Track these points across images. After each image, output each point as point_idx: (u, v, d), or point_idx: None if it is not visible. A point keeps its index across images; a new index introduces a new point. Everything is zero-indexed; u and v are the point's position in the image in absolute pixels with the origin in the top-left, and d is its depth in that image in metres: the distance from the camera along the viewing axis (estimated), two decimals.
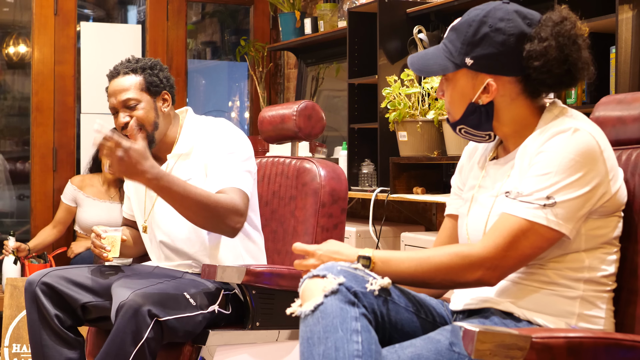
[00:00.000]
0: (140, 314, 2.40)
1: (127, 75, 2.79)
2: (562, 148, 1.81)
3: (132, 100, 2.75)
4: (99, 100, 5.39)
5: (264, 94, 5.84)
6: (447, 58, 1.96)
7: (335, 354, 1.70)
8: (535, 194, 1.81)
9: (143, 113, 2.76)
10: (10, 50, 5.82)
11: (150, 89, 2.79)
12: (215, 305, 2.58)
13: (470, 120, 1.98)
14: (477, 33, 1.91)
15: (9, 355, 4.15)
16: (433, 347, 1.78)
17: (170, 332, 2.47)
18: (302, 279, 1.85)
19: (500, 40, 1.90)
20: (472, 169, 2.12)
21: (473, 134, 2.01)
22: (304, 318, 1.78)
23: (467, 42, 1.93)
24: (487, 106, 1.95)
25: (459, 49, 1.94)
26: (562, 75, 1.90)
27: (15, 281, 4.23)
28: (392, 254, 1.91)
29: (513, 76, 1.92)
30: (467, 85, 1.96)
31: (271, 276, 2.55)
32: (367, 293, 1.79)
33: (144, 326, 2.40)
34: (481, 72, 1.93)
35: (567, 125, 1.84)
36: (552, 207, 1.79)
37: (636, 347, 1.65)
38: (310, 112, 2.98)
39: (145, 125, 2.75)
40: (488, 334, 1.53)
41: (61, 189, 5.02)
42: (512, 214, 1.82)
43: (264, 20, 6.00)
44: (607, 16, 3.19)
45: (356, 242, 4.32)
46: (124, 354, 2.41)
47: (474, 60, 1.92)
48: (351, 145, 4.65)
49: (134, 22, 6.39)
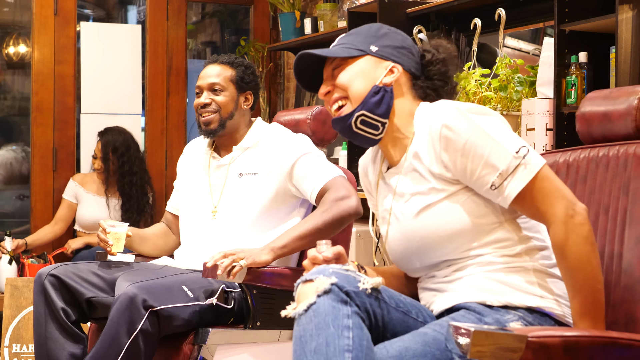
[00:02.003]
0: (135, 304, 2.43)
1: (223, 66, 2.98)
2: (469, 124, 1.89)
3: (218, 85, 2.95)
4: (98, 100, 5.41)
5: (264, 94, 5.84)
6: (348, 49, 2.05)
7: (326, 349, 1.71)
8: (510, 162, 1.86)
9: (224, 100, 2.94)
10: (10, 50, 5.82)
11: (239, 84, 2.96)
12: (213, 299, 2.59)
13: (372, 103, 2.01)
14: (378, 31, 2.07)
15: (9, 355, 4.15)
16: (421, 339, 1.80)
17: (166, 322, 2.48)
18: (295, 284, 1.86)
19: (400, 39, 2.07)
20: (375, 187, 2.17)
21: (372, 120, 2.03)
22: (298, 318, 1.79)
23: (370, 35, 2.06)
24: (389, 90, 2.02)
25: (361, 41, 2.06)
26: (445, 86, 2.07)
27: (15, 281, 4.23)
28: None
29: (409, 73, 2.05)
30: (370, 69, 2.04)
31: (272, 276, 2.55)
32: (359, 292, 1.80)
33: (138, 317, 2.43)
34: (385, 59, 2.04)
35: (444, 111, 1.93)
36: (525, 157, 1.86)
37: (632, 346, 1.65)
38: (325, 117, 3.05)
39: (222, 111, 2.93)
40: (484, 334, 1.53)
41: (61, 189, 5.04)
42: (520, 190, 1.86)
43: (263, 20, 6.00)
44: (607, 16, 3.19)
45: (356, 243, 4.31)
46: (117, 345, 2.43)
47: (378, 47, 2.04)
48: (351, 145, 4.65)
49: (134, 22, 6.39)
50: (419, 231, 1.97)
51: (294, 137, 2.89)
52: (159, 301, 2.47)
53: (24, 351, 4.18)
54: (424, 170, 1.96)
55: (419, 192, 1.96)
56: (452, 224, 1.93)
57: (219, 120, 2.92)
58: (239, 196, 2.86)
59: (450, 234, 1.93)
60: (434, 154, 1.93)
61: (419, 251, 1.99)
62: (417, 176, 1.98)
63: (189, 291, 2.56)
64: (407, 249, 2.02)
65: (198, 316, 2.56)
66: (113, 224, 2.80)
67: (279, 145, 2.86)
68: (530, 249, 1.93)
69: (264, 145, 2.90)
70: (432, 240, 1.95)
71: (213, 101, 2.93)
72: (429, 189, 1.95)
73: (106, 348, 2.44)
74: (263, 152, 2.88)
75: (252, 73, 3.01)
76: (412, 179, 1.99)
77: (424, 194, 1.96)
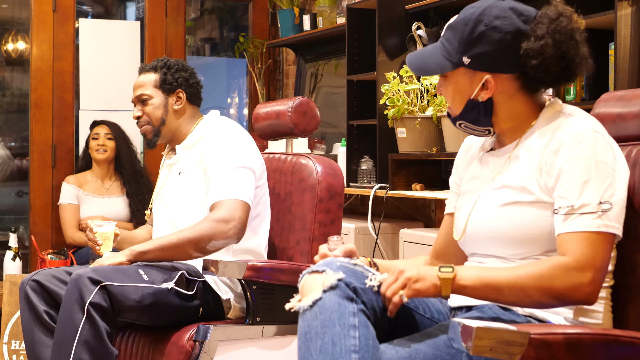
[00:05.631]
0: (82, 280, 2.47)
1: (147, 73, 3.01)
2: (591, 153, 1.81)
3: (145, 95, 2.98)
4: (97, 97, 5.41)
5: (262, 90, 5.84)
6: (444, 57, 1.97)
7: (332, 348, 1.70)
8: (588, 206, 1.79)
9: (151, 109, 2.97)
10: (9, 46, 5.81)
11: (163, 86, 2.97)
12: (170, 282, 2.61)
13: (469, 116, 1.98)
14: (474, 32, 1.92)
15: (8, 352, 4.15)
16: (431, 342, 1.78)
17: (118, 300, 2.50)
18: (301, 274, 1.85)
19: (497, 39, 1.90)
20: (469, 163, 2.13)
21: (472, 128, 2.02)
22: (303, 313, 1.78)
23: (464, 41, 1.93)
24: (486, 103, 1.95)
25: (455, 48, 1.94)
26: (560, 72, 1.91)
27: (14, 278, 4.22)
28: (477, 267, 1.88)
29: (510, 73, 1.93)
30: (465, 83, 1.96)
31: (271, 271, 2.56)
32: (366, 289, 1.79)
33: (87, 292, 2.47)
34: (479, 70, 1.94)
35: (583, 127, 1.84)
36: (606, 212, 1.78)
37: (634, 343, 1.66)
38: (305, 108, 3.00)
39: (152, 121, 2.97)
40: (486, 330, 1.53)
41: (60, 185, 5.01)
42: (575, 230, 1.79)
43: (262, 17, 5.99)
44: (606, 12, 3.19)
45: (355, 239, 4.32)
46: (73, 323, 2.46)
47: (471, 59, 1.93)
48: (350, 142, 4.65)
49: (132, 19, 6.38)
50: (495, 222, 1.93)
51: (229, 140, 2.84)
52: (108, 278, 2.51)
53: (23, 348, 4.18)
54: (528, 166, 1.90)
55: (511, 187, 1.91)
56: (528, 230, 1.88)
57: (152, 130, 2.97)
58: (173, 194, 2.91)
59: (522, 239, 1.89)
60: (544, 152, 1.88)
61: (484, 239, 1.96)
62: (518, 168, 1.92)
63: (144, 274, 2.59)
64: (475, 232, 1.98)
65: (152, 298, 2.57)
66: (101, 224, 2.81)
67: (210, 146, 2.84)
68: None
69: (202, 144, 2.88)
70: (502, 236, 1.91)
71: (143, 113, 2.97)
72: (522, 188, 1.89)
73: (63, 328, 2.47)
74: (199, 151, 2.87)
75: (178, 70, 2.99)
76: (512, 169, 1.94)
77: (515, 190, 1.91)
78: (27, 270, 5.15)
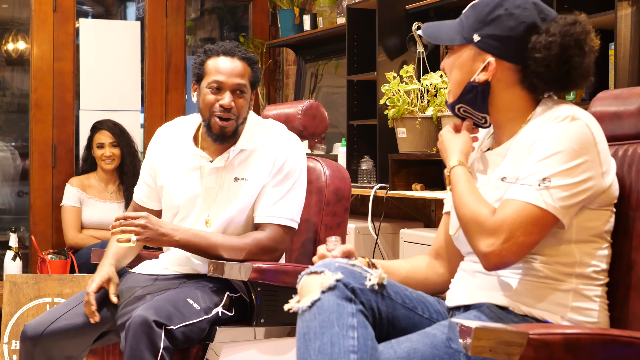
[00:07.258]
0: (148, 325, 2.35)
1: (244, 62, 2.67)
2: (560, 135, 1.83)
3: (244, 87, 2.66)
4: (97, 97, 5.41)
5: (262, 90, 5.84)
6: (458, 31, 2.01)
7: (331, 349, 1.71)
8: (530, 177, 1.82)
9: (244, 103, 2.67)
10: (9, 46, 5.81)
11: (253, 84, 2.71)
12: (219, 307, 2.56)
13: (467, 99, 2.00)
14: (492, 13, 1.95)
15: (9, 351, 4.15)
16: (429, 341, 1.79)
17: (179, 342, 2.43)
18: (300, 275, 1.85)
19: (511, 25, 1.94)
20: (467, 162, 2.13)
21: (471, 113, 2.03)
22: (301, 314, 1.78)
23: (480, 19, 1.97)
24: (484, 87, 1.97)
25: (471, 24, 1.99)
26: (560, 74, 1.92)
27: (14, 278, 4.22)
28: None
29: (514, 63, 1.95)
30: (468, 61, 1.99)
31: (276, 273, 2.56)
32: (364, 289, 1.79)
33: (156, 337, 2.36)
34: (485, 51, 1.97)
35: (565, 113, 1.86)
36: (547, 189, 1.80)
37: (633, 343, 1.66)
38: (315, 111, 3.01)
39: (238, 117, 2.66)
40: (485, 330, 1.53)
41: (60, 185, 5.01)
42: (511, 198, 1.83)
43: (263, 17, 5.99)
44: (606, 12, 3.19)
45: (355, 239, 4.32)
46: None
47: (481, 37, 1.97)
48: (350, 142, 4.65)
49: (132, 19, 6.38)
50: None
51: (288, 146, 2.71)
52: (170, 321, 2.41)
53: None
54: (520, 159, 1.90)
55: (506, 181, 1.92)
56: None
57: (235, 126, 2.66)
58: (233, 202, 2.67)
59: None
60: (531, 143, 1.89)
61: None
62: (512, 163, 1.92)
63: (194, 303, 2.51)
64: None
65: (205, 332, 2.53)
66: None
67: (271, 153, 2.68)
68: (584, 275, 1.88)
69: (260, 149, 2.70)
70: None
71: (235, 105, 2.64)
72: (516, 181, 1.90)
73: None
74: (257, 156, 2.69)
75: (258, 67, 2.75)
76: (507, 165, 1.94)
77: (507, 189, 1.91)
78: (27, 270, 5.14)
